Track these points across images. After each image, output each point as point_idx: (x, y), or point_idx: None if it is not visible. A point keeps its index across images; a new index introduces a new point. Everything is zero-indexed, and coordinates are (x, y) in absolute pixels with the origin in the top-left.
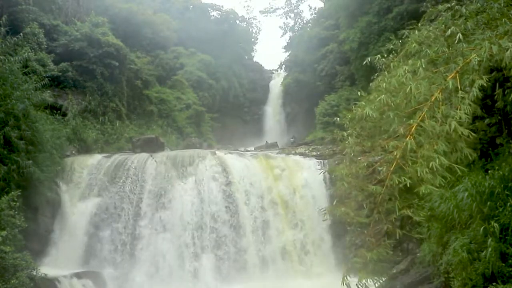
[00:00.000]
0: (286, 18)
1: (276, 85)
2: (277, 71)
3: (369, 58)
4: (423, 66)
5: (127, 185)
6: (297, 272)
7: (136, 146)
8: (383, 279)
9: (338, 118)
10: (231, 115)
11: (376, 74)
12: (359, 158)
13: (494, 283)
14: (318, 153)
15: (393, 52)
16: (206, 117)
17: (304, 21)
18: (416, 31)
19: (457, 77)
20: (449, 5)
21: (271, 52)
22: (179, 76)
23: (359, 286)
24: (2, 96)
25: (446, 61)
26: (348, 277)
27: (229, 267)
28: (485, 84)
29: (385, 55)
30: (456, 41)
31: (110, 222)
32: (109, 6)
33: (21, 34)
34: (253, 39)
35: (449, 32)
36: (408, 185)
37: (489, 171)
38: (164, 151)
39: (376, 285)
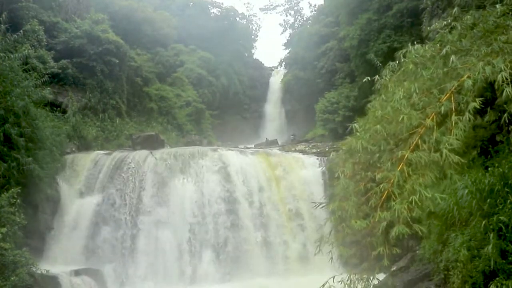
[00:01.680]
0: (286, 15)
1: (276, 82)
2: (277, 68)
3: (368, 78)
4: (417, 92)
5: (127, 182)
6: (297, 269)
7: (136, 143)
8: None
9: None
10: (231, 112)
11: (373, 96)
12: (353, 189)
13: (496, 278)
14: (318, 150)
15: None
16: (206, 114)
17: (304, 19)
18: (413, 50)
19: (452, 97)
20: (445, 22)
21: (271, 49)
22: (179, 73)
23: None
24: (2, 93)
25: (442, 81)
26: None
27: (230, 264)
28: (478, 107)
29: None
30: (451, 61)
31: (110, 219)
32: (109, 3)
33: (21, 31)
34: (253, 37)
35: (444, 51)
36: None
37: (489, 169)
38: (164, 148)
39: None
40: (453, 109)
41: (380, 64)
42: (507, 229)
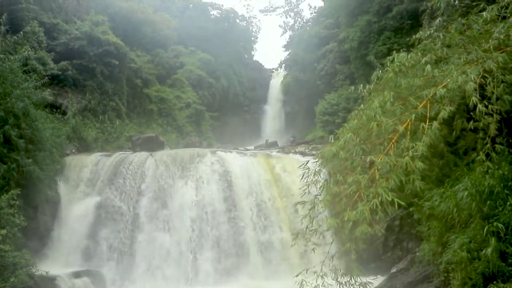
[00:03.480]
0: (286, 17)
1: (276, 84)
2: (277, 70)
3: (361, 86)
4: (391, 100)
5: (127, 183)
6: (297, 270)
7: (136, 145)
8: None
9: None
10: (231, 114)
11: (359, 101)
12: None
13: (494, 282)
14: (318, 151)
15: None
16: (206, 116)
17: (304, 20)
18: (395, 59)
19: (428, 105)
20: (429, 32)
21: (271, 51)
22: (179, 75)
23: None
24: (2, 94)
25: (421, 89)
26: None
27: (229, 265)
28: (446, 116)
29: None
30: (426, 70)
31: (110, 221)
32: (109, 4)
33: (21, 32)
34: (253, 38)
35: (423, 60)
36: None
37: (489, 170)
38: (164, 150)
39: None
40: (428, 115)
41: (380, 66)
42: (507, 231)
